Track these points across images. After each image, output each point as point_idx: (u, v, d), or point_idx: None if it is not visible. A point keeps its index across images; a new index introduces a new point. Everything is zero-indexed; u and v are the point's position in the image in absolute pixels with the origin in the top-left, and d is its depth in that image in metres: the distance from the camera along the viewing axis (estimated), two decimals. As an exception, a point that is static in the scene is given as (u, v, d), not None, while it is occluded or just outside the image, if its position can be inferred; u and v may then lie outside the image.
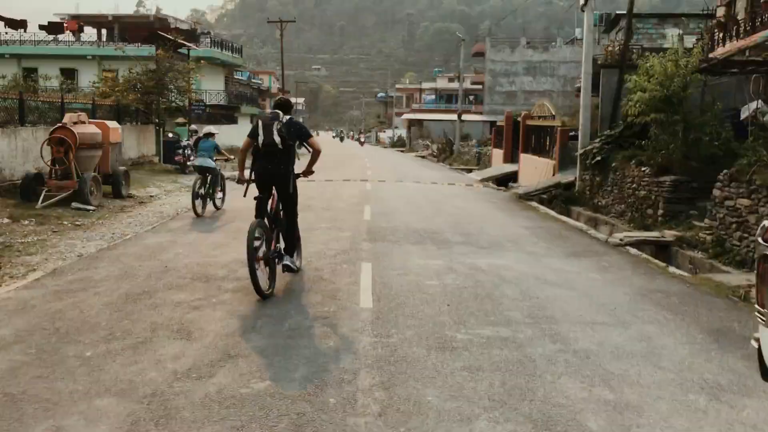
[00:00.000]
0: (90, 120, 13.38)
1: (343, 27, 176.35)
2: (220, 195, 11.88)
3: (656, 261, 8.76)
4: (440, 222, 11.40)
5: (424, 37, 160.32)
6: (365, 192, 16.37)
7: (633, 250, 9.38)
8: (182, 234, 9.57)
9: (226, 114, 35.61)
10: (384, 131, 79.63)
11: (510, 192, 17.98)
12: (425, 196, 15.87)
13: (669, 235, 10.07)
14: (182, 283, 6.53)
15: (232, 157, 14.36)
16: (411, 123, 61.77)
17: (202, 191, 11.21)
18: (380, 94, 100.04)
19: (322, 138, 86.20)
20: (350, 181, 19.10)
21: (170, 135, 20.70)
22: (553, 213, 13.86)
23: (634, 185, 12.43)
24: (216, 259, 7.70)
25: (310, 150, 6.27)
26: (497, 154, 26.30)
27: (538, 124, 20.40)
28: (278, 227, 6.29)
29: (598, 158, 14.25)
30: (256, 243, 5.73)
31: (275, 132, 5.97)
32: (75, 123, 12.04)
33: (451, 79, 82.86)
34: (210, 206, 11.58)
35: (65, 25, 35.07)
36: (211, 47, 35.47)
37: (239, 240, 8.72)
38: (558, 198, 15.54)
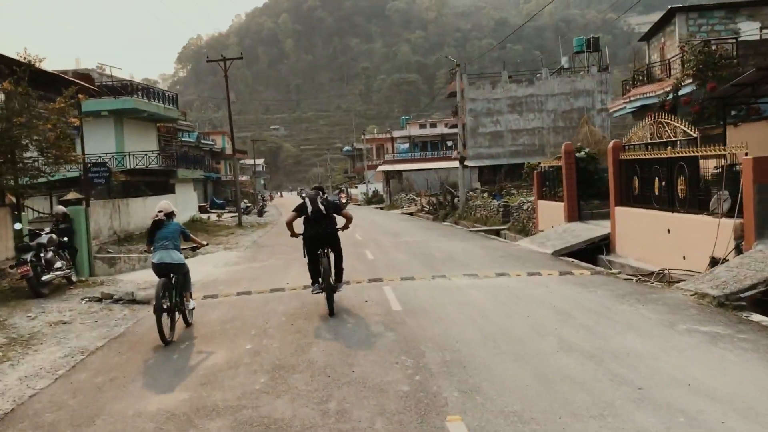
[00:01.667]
0: None
1: (299, 85, 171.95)
2: (192, 304, 8.07)
3: None
4: None
5: (381, 90, 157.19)
6: (397, 328, 7.57)
7: None
8: None
9: (155, 182, 26.53)
10: (355, 187, 71.26)
11: (674, 290, 9.26)
12: (560, 339, 6.43)
13: None
14: None
15: (206, 243, 9.41)
16: (389, 175, 53.60)
17: (167, 304, 7.17)
18: (346, 148, 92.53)
19: (286, 199, 76.02)
20: (351, 285, 10.29)
21: (17, 226, 11.57)
22: None
23: None
24: None
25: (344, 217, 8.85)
26: (551, 208, 17.92)
27: (654, 157, 12.13)
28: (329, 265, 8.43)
29: None
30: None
31: (319, 203, 8.39)
32: None
33: (422, 125, 76.05)
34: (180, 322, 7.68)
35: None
36: (131, 96, 26.78)
37: None
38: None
